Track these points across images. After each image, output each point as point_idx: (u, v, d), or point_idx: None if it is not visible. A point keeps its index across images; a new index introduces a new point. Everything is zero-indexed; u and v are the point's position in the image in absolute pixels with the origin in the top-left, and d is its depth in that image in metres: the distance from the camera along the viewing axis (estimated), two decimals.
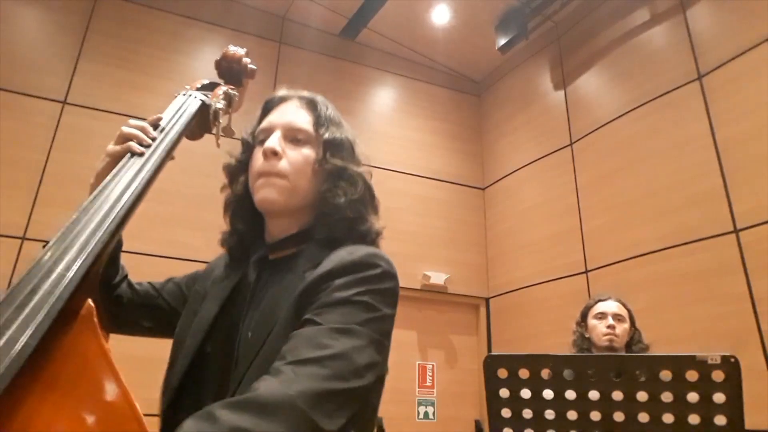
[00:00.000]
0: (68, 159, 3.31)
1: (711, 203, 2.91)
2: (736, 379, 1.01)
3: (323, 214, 0.89)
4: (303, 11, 4.24)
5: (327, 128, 0.94)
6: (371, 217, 0.94)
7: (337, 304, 0.74)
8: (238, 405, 0.59)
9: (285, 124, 0.92)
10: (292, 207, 0.89)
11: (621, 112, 3.59)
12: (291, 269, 0.85)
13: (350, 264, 0.79)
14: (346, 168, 0.92)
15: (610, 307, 2.23)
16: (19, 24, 3.47)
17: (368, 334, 0.73)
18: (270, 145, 0.88)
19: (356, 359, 0.69)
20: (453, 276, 4.24)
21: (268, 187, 0.87)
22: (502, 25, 4.27)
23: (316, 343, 0.68)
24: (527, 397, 1.14)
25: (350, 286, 0.76)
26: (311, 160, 0.91)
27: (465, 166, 4.71)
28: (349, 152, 0.95)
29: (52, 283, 0.64)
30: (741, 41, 2.95)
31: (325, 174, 0.91)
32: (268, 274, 0.88)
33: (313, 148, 0.92)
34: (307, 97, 0.97)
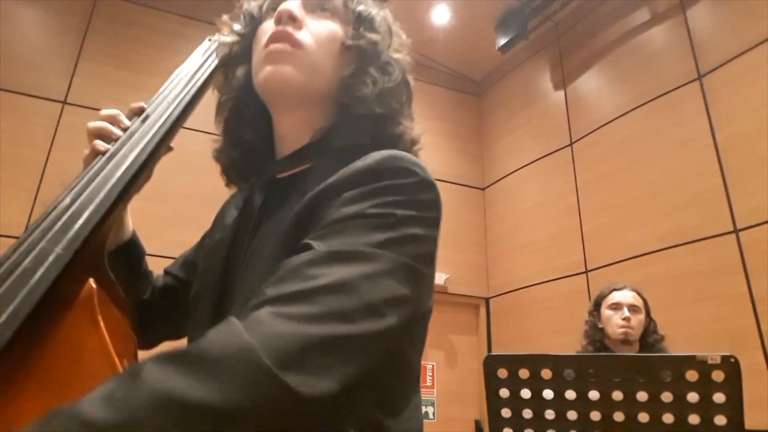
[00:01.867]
0: (68, 159, 3.31)
1: (711, 203, 2.91)
2: (736, 379, 1.01)
3: (343, 107, 0.69)
4: None
5: (358, 2, 0.73)
6: (406, 120, 0.73)
7: (346, 220, 0.53)
8: (171, 359, 0.40)
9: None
10: (309, 92, 0.68)
11: (621, 112, 3.59)
12: (299, 188, 0.64)
13: (368, 169, 0.57)
14: (380, 50, 0.71)
15: (626, 298, 2.11)
16: (19, 24, 3.47)
17: (390, 257, 0.51)
18: (287, 7, 0.67)
19: (366, 291, 0.48)
20: (453, 276, 4.24)
21: (279, 59, 0.66)
22: (502, 25, 4.27)
23: (305, 273, 0.48)
24: (527, 397, 1.14)
25: (367, 197, 0.54)
26: (338, 35, 0.70)
27: (465, 166, 4.71)
28: (386, 30, 0.73)
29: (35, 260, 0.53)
30: (741, 41, 2.95)
31: (354, 55, 0.70)
32: (279, 197, 0.68)
33: (342, 23, 0.71)
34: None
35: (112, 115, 0.74)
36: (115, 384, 0.40)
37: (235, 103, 0.74)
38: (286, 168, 0.70)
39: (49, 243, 0.55)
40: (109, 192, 0.62)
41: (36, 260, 0.53)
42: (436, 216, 0.60)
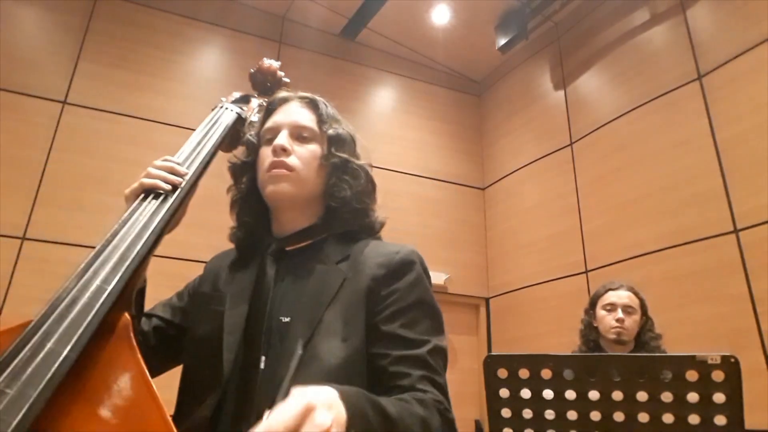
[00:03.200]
0: (68, 159, 3.31)
1: (711, 203, 2.91)
2: (736, 379, 1.01)
3: (332, 207, 0.95)
4: (303, 11, 4.24)
5: (330, 125, 0.99)
6: (374, 208, 1.02)
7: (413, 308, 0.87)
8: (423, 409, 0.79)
9: (291, 123, 0.97)
10: (301, 199, 0.94)
11: (621, 112, 3.59)
12: (317, 259, 0.91)
13: (404, 263, 0.91)
14: (350, 161, 0.98)
15: (621, 298, 2.11)
16: (19, 24, 3.47)
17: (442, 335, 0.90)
18: (279, 143, 0.93)
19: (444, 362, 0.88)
20: (453, 276, 4.24)
21: (279, 180, 0.92)
22: (502, 25, 4.27)
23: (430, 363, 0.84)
24: (527, 397, 1.14)
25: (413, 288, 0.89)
26: (318, 154, 0.96)
27: (465, 166, 4.71)
28: (351, 146, 1.01)
29: (92, 296, 0.65)
30: (741, 41, 2.95)
31: (331, 168, 0.96)
32: (289, 265, 0.93)
33: (319, 144, 0.97)
34: (307, 96, 1.03)
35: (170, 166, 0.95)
36: (397, 403, 0.72)
37: (243, 200, 1.00)
38: (293, 243, 0.96)
39: (103, 282, 0.68)
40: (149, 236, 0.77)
41: (92, 297, 0.65)
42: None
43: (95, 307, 0.63)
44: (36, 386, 0.54)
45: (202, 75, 3.92)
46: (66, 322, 0.61)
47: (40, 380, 0.55)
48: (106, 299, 0.65)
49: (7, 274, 2.96)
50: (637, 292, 2.17)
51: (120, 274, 0.69)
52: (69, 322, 0.61)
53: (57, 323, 0.61)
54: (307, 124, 0.98)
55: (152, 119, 3.56)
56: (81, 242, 3.14)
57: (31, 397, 0.53)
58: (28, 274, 3.00)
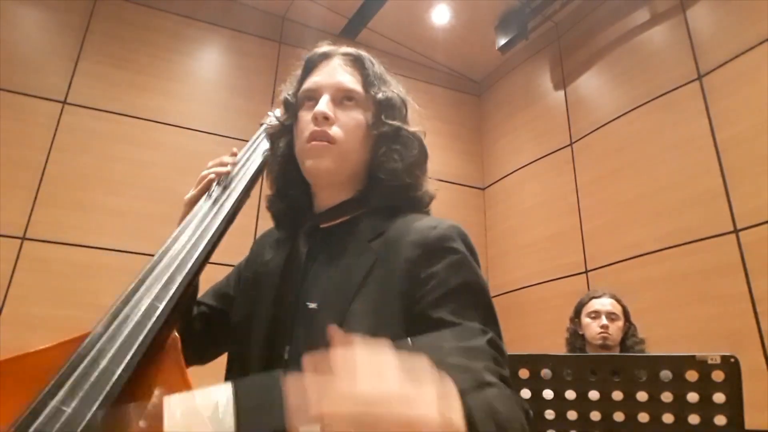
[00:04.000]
0: (68, 159, 3.31)
1: (711, 203, 2.91)
2: (736, 379, 1.01)
3: (379, 180, 0.85)
4: (303, 11, 4.24)
5: (378, 87, 0.88)
6: (426, 181, 0.90)
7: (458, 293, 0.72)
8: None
9: (333, 85, 0.86)
10: (345, 174, 0.85)
11: (621, 112, 3.59)
12: (351, 237, 0.81)
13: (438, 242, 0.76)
14: (401, 129, 0.87)
15: (604, 305, 2.20)
16: (19, 24, 3.47)
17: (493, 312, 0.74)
18: (321, 109, 0.82)
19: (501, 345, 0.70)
20: None
21: (320, 154, 0.82)
22: (502, 25, 4.27)
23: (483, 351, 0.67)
24: (527, 397, 1.14)
25: (457, 268, 0.75)
26: (364, 123, 0.86)
27: (465, 166, 4.71)
28: (402, 111, 0.90)
29: (144, 314, 0.66)
30: (741, 41, 2.95)
31: (380, 137, 0.86)
32: (322, 244, 0.84)
33: (365, 110, 0.86)
34: (352, 53, 0.90)
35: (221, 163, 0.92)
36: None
37: (280, 167, 0.90)
38: (328, 219, 0.87)
39: (155, 300, 0.68)
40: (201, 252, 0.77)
41: (144, 315, 0.66)
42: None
43: (147, 326, 0.64)
44: (91, 405, 0.56)
45: (202, 75, 3.92)
46: (119, 341, 0.62)
47: (95, 399, 0.56)
48: (158, 318, 0.66)
49: (7, 274, 2.96)
50: (619, 299, 2.26)
51: (171, 292, 0.69)
52: (122, 340, 0.63)
53: (110, 341, 0.62)
54: (352, 86, 0.86)
55: (152, 119, 3.56)
56: (81, 242, 3.14)
57: (86, 416, 0.55)
58: (28, 274, 3.00)
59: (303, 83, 0.89)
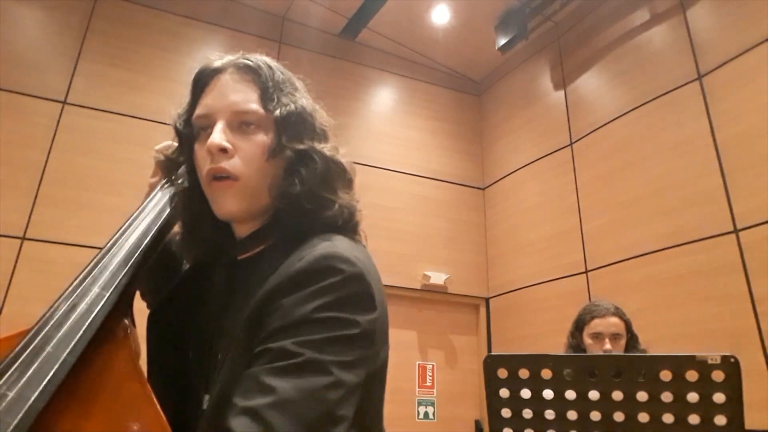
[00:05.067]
0: (68, 159, 3.31)
1: (711, 203, 2.91)
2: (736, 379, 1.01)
3: (279, 208, 0.76)
4: (303, 11, 4.24)
5: (277, 101, 0.76)
6: (340, 198, 0.77)
7: (288, 329, 0.61)
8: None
9: (227, 107, 0.74)
10: (254, 210, 0.76)
11: (621, 112, 3.59)
12: (255, 272, 0.73)
13: (300, 274, 0.65)
14: (306, 150, 0.76)
15: (608, 327, 2.10)
16: (19, 24, 3.47)
17: (330, 360, 0.60)
18: (215, 141, 0.72)
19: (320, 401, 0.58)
20: (453, 276, 4.24)
21: (223, 196, 0.73)
22: (502, 25, 4.27)
23: (264, 384, 0.57)
24: (527, 397, 1.14)
25: (301, 302, 0.62)
26: (266, 146, 0.75)
27: (465, 166, 4.71)
28: (308, 125, 0.78)
29: (91, 302, 0.66)
30: (741, 41, 2.95)
31: (284, 162, 0.75)
32: (237, 279, 0.78)
33: (267, 131, 0.75)
34: (245, 62, 0.78)
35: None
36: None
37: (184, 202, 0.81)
38: (244, 250, 0.79)
39: (102, 289, 0.68)
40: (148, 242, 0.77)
41: (91, 303, 0.66)
42: (369, 302, 0.67)
43: (93, 313, 0.64)
44: (35, 389, 0.55)
45: None
46: (65, 328, 0.62)
47: (39, 383, 0.56)
48: (104, 306, 0.66)
49: (7, 274, 2.96)
50: (622, 315, 2.15)
51: (118, 281, 0.70)
52: (68, 327, 0.62)
53: (56, 328, 0.62)
54: (249, 107, 0.75)
55: (152, 119, 3.56)
56: (81, 242, 3.14)
57: (29, 399, 0.54)
58: (28, 274, 3.00)
59: (195, 107, 0.78)
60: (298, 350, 0.59)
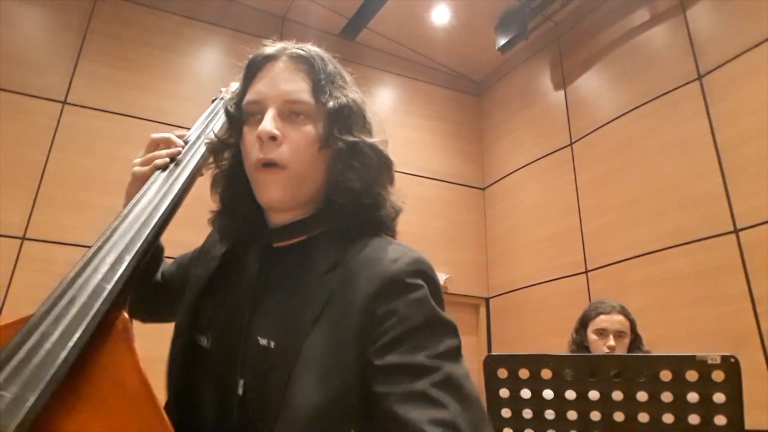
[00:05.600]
0: (68, 159, 3.31)
1: (711, 203, 2.91)
2: (736, 379, 1.01)
3: (335, 201, 0.75)
4: (303, 11, 4.24)
5: (330, 94, 0.76)
6: (390, 194, 0.79)
7: (411, 335, 0.64)
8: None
9: (278, 96, 0.74)
10: (299, 200, 0.75)
11: (621, 112, 3.59)
12: (306, 264, 0.73)
13: (404, 276, 0.68)
14: (358, 142, 0.76)
15: (613, 324, 2.10)
16: (19, 24, 3.47)
17: (457, 360, 0.66)
18: (266, 129, 0.72)
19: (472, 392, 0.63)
20: (453, 276, 4.24)
21: (270, 184, 0.73)
22: (502, 25, 4.27)
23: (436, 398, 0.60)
24: (527, 397, 1.14)
25: (416, 308, 0.66)
26: (315, 138, 0.74)
27: (465, 166, 4.71)
28: (358, 118, 0.78)
29: (91, 295, 0.62)
30: (741, 41, 2.95)
31: (334, 153, 0.75)
32: (274, 267, 0.76)
33: (316, 122, 0.75)
34: (299, 53, 0.78)
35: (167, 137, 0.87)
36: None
37: (227, 181, 0.81)
38: (281, 238, 0.78)
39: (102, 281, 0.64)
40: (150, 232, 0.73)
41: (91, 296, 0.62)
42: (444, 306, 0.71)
43: (94, 307, 0.61)
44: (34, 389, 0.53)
45: (202, 75, 3.92)
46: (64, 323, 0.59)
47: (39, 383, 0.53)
48: (105, 299, 0.62)
49: (7, 274, 2.96)
50: (628, 314, 2.15)
51: (120, 273, 0.66)
52: (68, 322, 0.59)
53: (55, 323, 0.59)
54: (300, 97, 0.74)
55: (152, 119, 3.56)
56: (81, 242, 3.14)
57: (29, 400, 0.52)
58: (28, 274, 3.00)
59: (246, 92, 0.78)
60: (436, 364, 0.63)
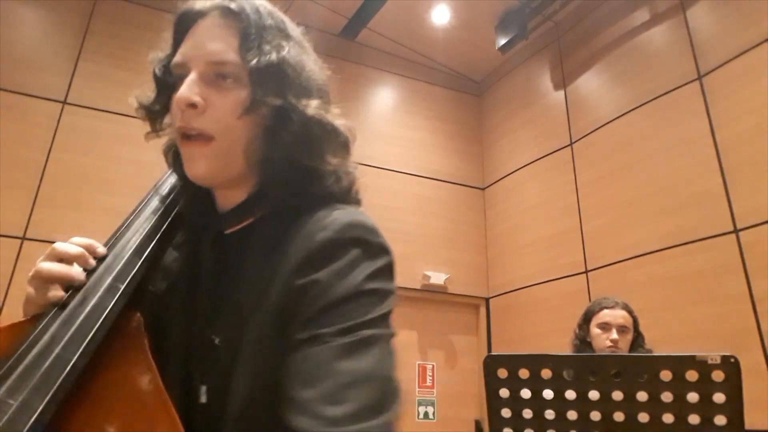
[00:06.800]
0: (68, 159, 3.31)
1: (711, 203, 2.91)
2: (736, 379, 1.01)
3: (263, 178, 0.68)
4: (303, 11, 4.24)
5: (257, 50, 0.65)
6: (332, 165, 0.68)
7: (333, 306, 0.57)
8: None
9: (202, 57, 0.65)
10: (229, 175, 0.67)
11: (621, 112, 3.59)
12: (253, 247, 0.67)
13: (329, 245, 0.60)
14: (284, 106, 0.65)
15: (616, 318, 2.12)
16: (19, 24, 3.47)
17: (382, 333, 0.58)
18: (183, 95, 0.63)
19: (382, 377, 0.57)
20: (453, 276, 4.24)
21: (195, 157, 0.65)
22: (502, 25, 4.27)
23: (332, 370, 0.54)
24: (527, 397, 1.14)
25: (339, 276, 0.58)
26: (242, 105, 0.64)
27: (465, 166, 4.71)
28: (289, 78, 0.66)
29: (103, 296, 0.59)
30: (741, 41, 2.95)
31: (258, 120, 0.65)
32: (228, 255, 0.69)
33: (245, 86, 0.65)
34: (228, 7, 0.68)
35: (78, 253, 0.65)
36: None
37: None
38: (230, 224, 0.70)
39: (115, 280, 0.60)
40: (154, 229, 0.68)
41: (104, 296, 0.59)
42: (392, 275, 0.64)
43: (107, 308, 0.57)
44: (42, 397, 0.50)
45: None
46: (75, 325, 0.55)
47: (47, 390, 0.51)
48: (118, 300, 0.59)
49: (7, 274, 2.96)
50: (631, 310, 2.18)
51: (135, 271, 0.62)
52: (78, 325, 0.55)
53: (65, 326, 0.55)
54: (224, 57, 0.65)
55: None
56: None
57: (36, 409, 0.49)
58: (28, 274, 3.00)
59: (175, 53, 0.70)
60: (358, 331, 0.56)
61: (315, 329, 0.56)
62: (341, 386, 0.53)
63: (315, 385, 0.53)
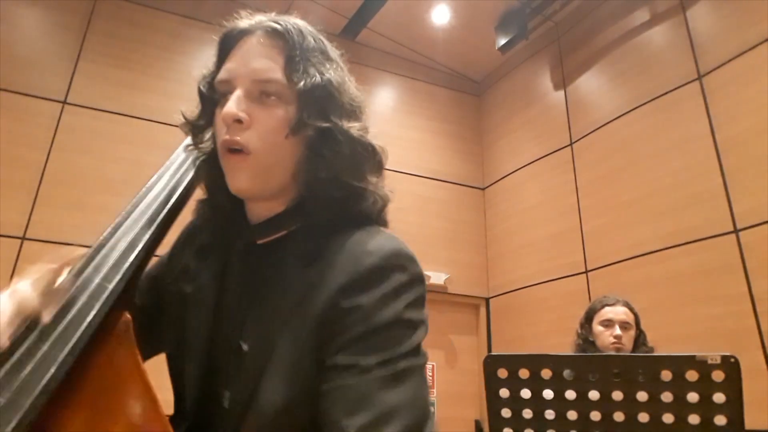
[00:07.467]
0: (68, 159, 3.31)
1: (711, 203, 2.91)
2: (736, 379, 1.01)
3: (305, 194, 0.70)
4: (303, 11, 4.17)
5: (303, 71, 0.68)
6: (371, 184, 0.72)
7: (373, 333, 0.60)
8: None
9: (248, 75, 0.68)
10: (269, 190, 0.69)
11: (621, 112, 3.59)
12: (287, 260, 0.68)
13: (374, 271, 0.63)
14: (330, 128, 0.68)
15: (618, 314, 2.14)
16: (19, 24, 3.47)
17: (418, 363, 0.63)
18: (230, 111, 0.65)
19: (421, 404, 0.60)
20: (453, 276, 4.24)
21: (235, 170, 0.67)
22: (502, 25, 4.27)
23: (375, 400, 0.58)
24: (527, 397, 1.14)
25: (380, 305, 0.61)
26: (287, 123, 0.67)
27: (465, 166, 4.71)
28: (335, 101, 0.70)
29: (91, 295, 0.59)
30: (741, 41, 2.95)
31: (304, 140, 0.68)
32: (258, 265, 0.71)
33: (288, 105, 0.68)
34: (274, 27, 0.70)
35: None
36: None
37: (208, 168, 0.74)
38: (263, 234, 0.73)
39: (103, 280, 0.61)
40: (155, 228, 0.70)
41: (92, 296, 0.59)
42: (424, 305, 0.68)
43: (95, 308, 0.58)
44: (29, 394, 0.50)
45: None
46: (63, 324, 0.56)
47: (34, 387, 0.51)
48: (106, 300, 0.59)
49: (7, 274, 2.96)
50: (632, 308, 2.20)
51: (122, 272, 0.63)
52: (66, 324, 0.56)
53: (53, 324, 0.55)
54: (270, 76, 0.67)
55: (152, 119, 3.56)
56: (81, 242, 3.13)
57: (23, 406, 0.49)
58: None
59: (219, 70, 0.71)
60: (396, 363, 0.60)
61: (356, 357, 0.60)
62: (382, 415, 0.57)
63: (358, 413, 0.57)
